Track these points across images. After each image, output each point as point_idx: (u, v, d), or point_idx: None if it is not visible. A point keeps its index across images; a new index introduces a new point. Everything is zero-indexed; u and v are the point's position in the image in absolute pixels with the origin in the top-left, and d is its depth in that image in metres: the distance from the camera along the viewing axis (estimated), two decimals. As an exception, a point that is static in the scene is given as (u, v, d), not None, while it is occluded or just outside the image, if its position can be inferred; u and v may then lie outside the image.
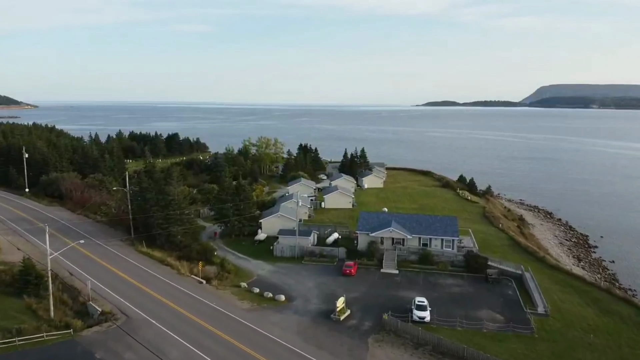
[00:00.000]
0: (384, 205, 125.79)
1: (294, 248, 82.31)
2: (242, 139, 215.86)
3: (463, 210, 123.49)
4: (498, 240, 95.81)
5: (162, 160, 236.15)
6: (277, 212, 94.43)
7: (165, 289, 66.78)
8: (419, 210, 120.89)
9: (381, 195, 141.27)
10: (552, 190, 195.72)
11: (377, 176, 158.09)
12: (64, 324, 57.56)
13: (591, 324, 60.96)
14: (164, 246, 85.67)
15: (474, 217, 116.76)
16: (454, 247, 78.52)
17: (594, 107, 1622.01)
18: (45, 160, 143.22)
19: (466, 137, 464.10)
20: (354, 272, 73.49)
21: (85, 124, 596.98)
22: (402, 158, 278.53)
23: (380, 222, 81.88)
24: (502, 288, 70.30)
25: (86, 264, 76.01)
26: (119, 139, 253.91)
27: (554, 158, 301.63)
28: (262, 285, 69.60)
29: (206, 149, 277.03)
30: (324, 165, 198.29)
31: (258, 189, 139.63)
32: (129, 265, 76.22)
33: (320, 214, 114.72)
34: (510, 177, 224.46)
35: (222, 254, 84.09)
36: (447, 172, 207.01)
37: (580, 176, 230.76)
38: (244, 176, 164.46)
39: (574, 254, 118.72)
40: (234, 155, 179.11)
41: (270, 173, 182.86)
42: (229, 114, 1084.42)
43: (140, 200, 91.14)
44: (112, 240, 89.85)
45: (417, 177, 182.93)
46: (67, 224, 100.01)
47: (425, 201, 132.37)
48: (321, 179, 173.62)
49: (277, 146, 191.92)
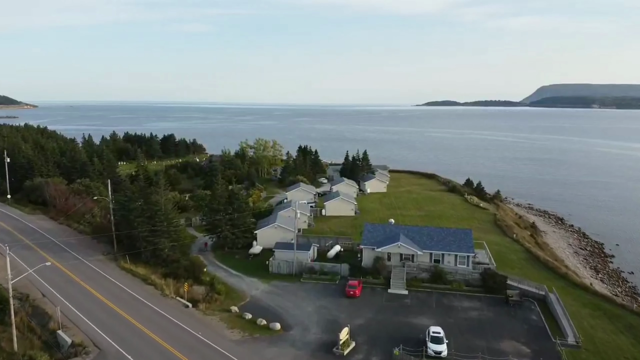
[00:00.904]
0: (387, 212, 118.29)
1: (291, 264, 74.71)
2: (240, 140, 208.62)
3: (472, 217, 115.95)
4: (514, 253, 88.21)
5: (157, 162, 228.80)
6: (274, 223, 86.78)
7: (146, 315, 59.18)
8: (426, 217, 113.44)
9: (385, 200, 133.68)
10: (560, 193, 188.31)
11: (380, 180, 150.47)
12: (27, 358, 50.31)
13: (628, 357, 53.48)
14: (149, 261, 78.11)
15: (485, 225, 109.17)
16: (469, 263, 70.89)
17: (595, 106, 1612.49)
18: (30, 164, 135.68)
19: (468, 138, 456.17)
20: (359, 293, 65.93)
21: (83, 125, 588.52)
22: (405, 159, 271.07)
23: (387, 236, 74.21)
24: (525, 312, 62.67)
25: (61, 283, 68.46)
26: (113, 140, 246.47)
27: (560, 159, 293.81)
28: (256, 309, 62.01)
29: (203, 150, 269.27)
30: (324, 168, 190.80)
31: (255, 194, 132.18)
32: (109, 285, 68.65)
33: (320, 222, 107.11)
34: (516, 179, 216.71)
35: (212, 270, 76.59)
36: (452, 174, 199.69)
37: (588, 178, 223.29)
38: (240, 180, 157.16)
39: (590, 264, 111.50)
40: (230, 158, 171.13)
41: (269, 176, 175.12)
42: (229, 114, 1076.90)
43: (124, 211, 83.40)
44: (94, 254, 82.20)
45: (422, 180, 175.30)
46: (46, 235, 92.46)
47: (432, 207, 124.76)
48: (321, 183, 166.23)
49: (276, 148, 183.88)
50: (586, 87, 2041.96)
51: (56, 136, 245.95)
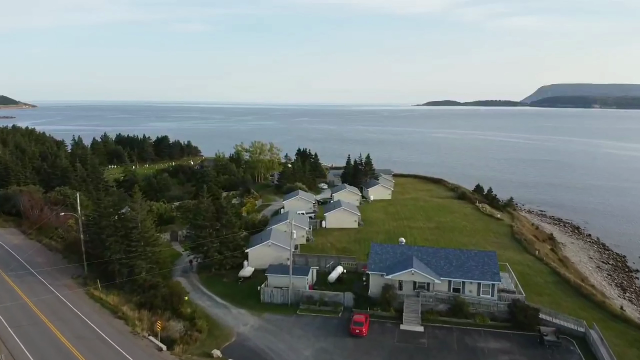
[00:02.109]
0: (394, 224, 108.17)
1: (286, 292, 64.42)
2: (239, 140, 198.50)
3: (487, 230, 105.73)
4: (539, 274, 77.86)
5: (149, 165, 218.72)
6: (268, 240, 76.45)
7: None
8: (437, 230, 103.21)
9: (390, 209, 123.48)
10: (573, 199, 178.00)
11: (384, 186, 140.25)
12: None
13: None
14: (124, 287, 67.88)
15: (502, 239, 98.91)
16: (494, 293, 60.60)
17: (595, 106, 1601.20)
18: (7, 170, 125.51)
19: (472, 138, 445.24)
20: (366, 331, 55.59)
21: (80, 125, 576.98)
22: (408, 162, 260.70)
23: (398, 259, 63.88)
24: (565, 356, 52.41)
25: (17, 316, 58.19)
26: (104, 142, 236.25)
27: (567, 162, 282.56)
28: (242, 352, 51.76)
29: (198, 152, 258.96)
30: (324, 172, 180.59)
31: (249, 203, 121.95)
32: (73, 319, 58.29)
33: (320, 236, 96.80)
34: (525, 184, 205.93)
35: (195, 297, 66.42)
36: (458, 178, 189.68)
37: (599, 182, 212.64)
38: (234, 186, 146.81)
39: (616, 281, 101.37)
40: (224, 162, 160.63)
41: (265, 182, 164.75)
42: (229, 114, 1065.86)
43: (95, 228, 73.04)
44: (61, 278, 71.85)
45: (428, 185, 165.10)
46: (11, 252, 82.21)
47: (442, 218, 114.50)
48: (321, 189, 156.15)
49: (273, 151, 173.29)
50: (586, 87, 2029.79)
51: (45, 138, 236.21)
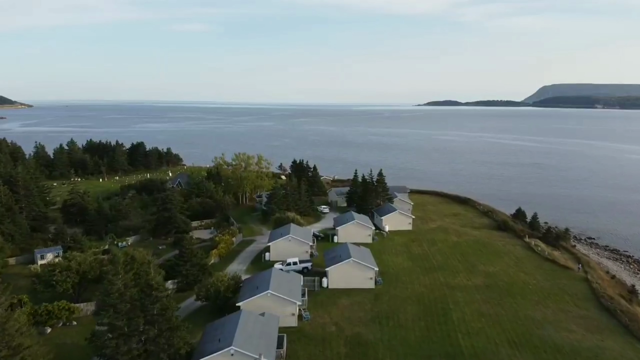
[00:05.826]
0: (424, 278, 76.50)
1: None
2: (234, 143, 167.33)
3: (559, 290, 73.40)
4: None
5: (119, 177, 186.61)
6: (230, 347, 44.43)
7: None
8: (488, 291, 71.42)
9: (415, 250, 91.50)
10: (615, 219, 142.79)
11: (403, 213, 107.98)
12: None
13: None
14: None
15: (588, 309, 66.59)
16: None
17: (598, 106, 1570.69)
18: None
19: (483, 142, 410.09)
20: None
21: (70, 126, 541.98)
22: (417, 169, 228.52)
23: None
24: None
25: None
26: (70, 150, 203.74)
27: (596, 170, 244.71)
28: None
29: (179, 162, 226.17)
30: (324, 189, 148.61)
31: (223, 241, 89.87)
32: None
33: (320, 309, 64.43)
34: (556, 201, 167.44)
35: None
36: (486, 196, 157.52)
37: (636, 196, 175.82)
38: (210, 212, 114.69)
39: None
40: (199, 181, 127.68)
41: (251, 204, 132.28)
42: (227, 114, 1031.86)
43: None
44: None
45: (454, 207, 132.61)
46: None
47: (490, 267, 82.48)
48: (322, 213, 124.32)
49: (261, 164, 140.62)
50: (587, 87, 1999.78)
51: (10, 146, 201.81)
